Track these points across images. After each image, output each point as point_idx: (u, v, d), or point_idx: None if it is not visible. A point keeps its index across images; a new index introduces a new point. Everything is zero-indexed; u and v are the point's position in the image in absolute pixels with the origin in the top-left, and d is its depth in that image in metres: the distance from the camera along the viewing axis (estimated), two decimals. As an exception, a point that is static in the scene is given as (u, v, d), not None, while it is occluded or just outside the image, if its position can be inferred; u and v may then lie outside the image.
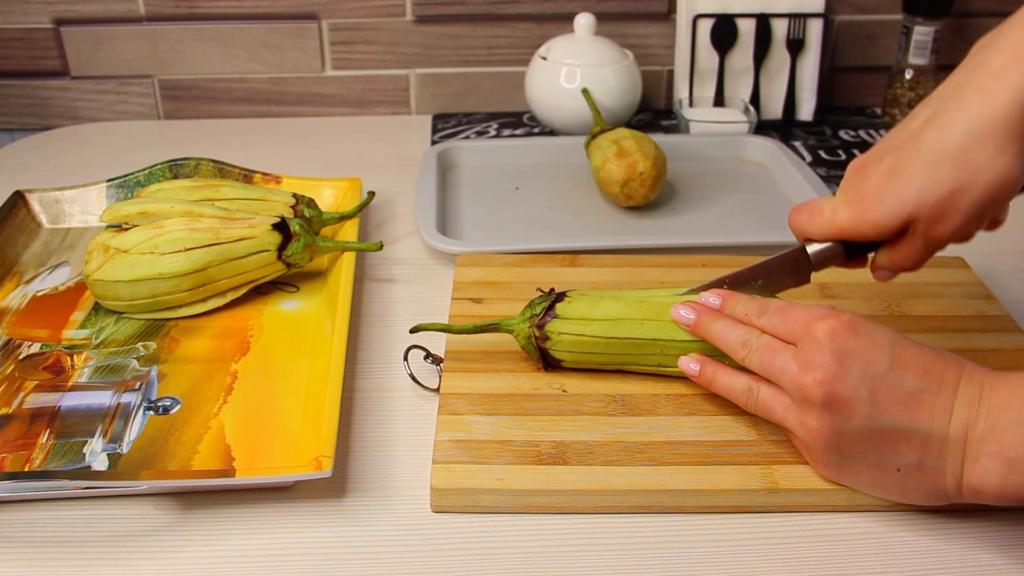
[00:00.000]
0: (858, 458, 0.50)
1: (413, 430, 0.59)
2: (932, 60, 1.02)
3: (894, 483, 0.50)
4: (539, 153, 0.96)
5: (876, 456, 0.49)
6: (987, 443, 0.47)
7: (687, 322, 0.57)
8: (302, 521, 0.52)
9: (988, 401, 0.47)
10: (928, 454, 0.48)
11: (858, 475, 0.51)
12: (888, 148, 0.54)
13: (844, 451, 0.50)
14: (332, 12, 1.06)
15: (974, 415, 0.47)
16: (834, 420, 0.49)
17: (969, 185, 0.51)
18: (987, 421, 0.47)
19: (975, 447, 0.47)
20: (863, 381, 0.48)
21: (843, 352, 0.49)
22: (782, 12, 1.04)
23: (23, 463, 0.55)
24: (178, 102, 1.10)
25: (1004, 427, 0.46)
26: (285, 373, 0.63)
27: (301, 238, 0.70)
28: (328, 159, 1.00)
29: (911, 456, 0.49)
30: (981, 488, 0.47)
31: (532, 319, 0.60)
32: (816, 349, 0.50)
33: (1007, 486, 0.46)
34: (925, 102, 0.54)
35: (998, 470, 0.46)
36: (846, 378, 0.49)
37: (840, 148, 1.02)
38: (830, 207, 0.56)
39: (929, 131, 0.52)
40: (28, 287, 0.73)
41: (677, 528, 0.52)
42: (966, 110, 0.51)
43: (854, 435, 0.49)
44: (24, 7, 1.04)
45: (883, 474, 0.50)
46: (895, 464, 0.49)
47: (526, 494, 0.52)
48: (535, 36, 1.08)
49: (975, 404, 0.47)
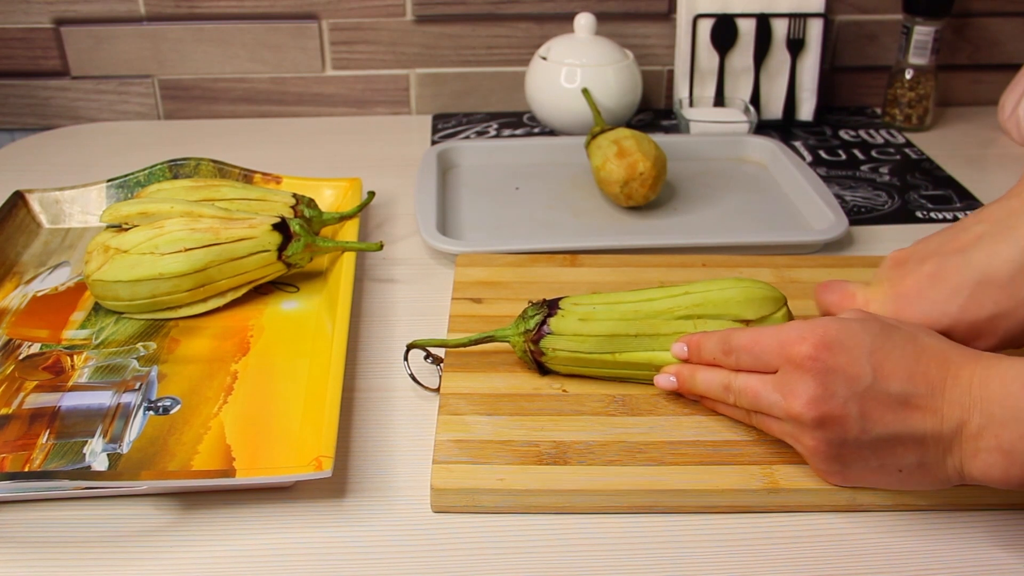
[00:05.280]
0: (860, 464, 0.50)
1: (413, 430, 0.59)
2: (932, 60, 1.02)
3: (899, 482, 0.51)
4: (539, 153, 0.96)
5: (877, 461, 0.50)
6: (984, 438, 0.47)
7: (671, 387, 0.57)
8: (302, 521, 0.52)
9: (980, 396, 0.47)
10: (927, 454, 0.49)
11: (862, 477, 0.51)
12: (933, 253, 0.55)
13: (845, 460, 0.50)
14: (332, 12, 1.06)
15: (967, 411, 0.47)
16: (829, 437, 0.50)
17: (1011, 313, 0.52)
18: (981, 417, 0.47)
19: (972, 443, 0.47)
20: (851, 399, 0.49)
21: (825, 373, 0.49)
22: (782, 12, 1.04)
23: (23, 463, 0.55)
24: (178, 102, 1.10)
25: (1000, 422, 0.46)
26: (285, 373, 0.63)
27: (301, 238, 0.70)
28: (328, 159, 1.00)
29: (911, 458, 0.49)
30: (984, 480, 0.48)
31: (527, 334, 0.60)
32: (798, 376, 0.50)
33: (1010, 477, 0.47)
34: (978, 216, 0.55)
35: (999, 463, 0.47)
36: (833, 398, 0.49)
37: (840, 148, 1.02)
38: (863, 296, 0.57)
39: (979, 251, 0.53)
40: (28, 287, 0.73)
41: (677, 528, 0.52)
42: (1018, 241, 0.52)
43: (852, 446, 0.50)
44: (24, 7, 1.04)
45: (886, 475, 0.50)
46: (896, 466, 0.50)
47: (526, 494, 0.52)
48: (535, 36, 1.08)
49: (966, 400, 0.48)
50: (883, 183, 0.94)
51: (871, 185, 0.93)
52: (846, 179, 0.95)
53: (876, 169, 0.97)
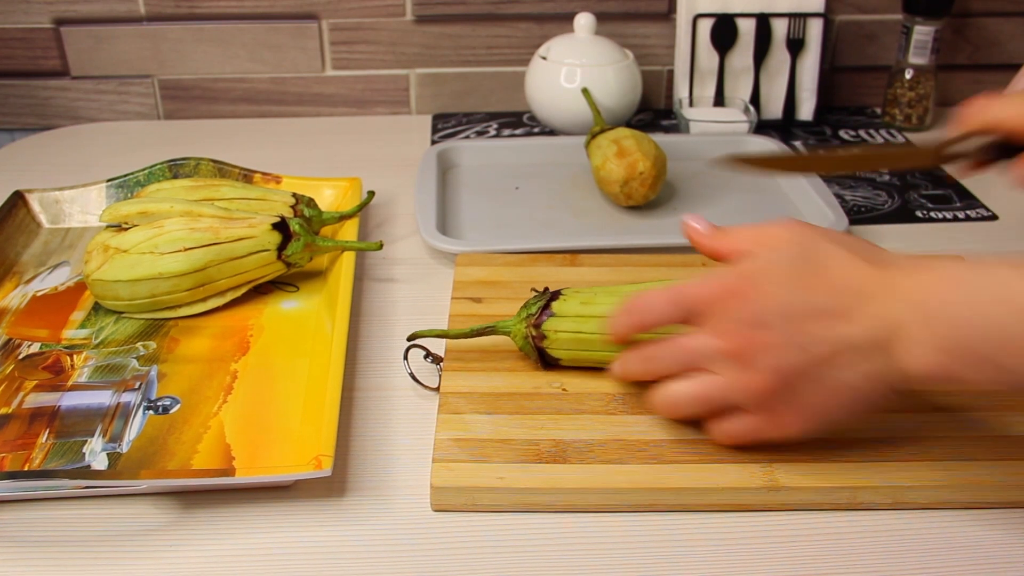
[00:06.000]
0: (810, 393, 0.49)
1: (413, 429, 0.59)
2: (932, 60, 1.02)
3: (852, 400, 0.50)
4: (539, 153, 0.96)
5: (824, 384, 0.49)
6: (921, 336, 0.46)
7: (625, 374, 0.57)
8: (302, 521, 0.52)
9: (912, 295, 0.47)
10: (868, 362, 0.48)
11: (819, 410, 0.50)
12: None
13: (794, 390, 0.49)
14: (332, 12, 1.06)
15: (901, 312, 0.47)
16: (771, 364, 0.49)
17: None
18: (915, 314, 0.47)
19: (910, 342, 0.47)
20: (783, 321, 0.48)
21: (753, 303, 0.49)
22: (782, 12, 1.04)
23: (23, 463, 0.55)
24: (178, 102, 1.10)
25: (936, 318, 0.46)
26: (285, 373, 0.63)
27: (301, 238, 0.70)
28: (328, 159, 1.00)
29: (854, 370, 0.48)
30: (927, 378, 0.47)
31: (528, 319, 0.60)
32: (727, 315, 0.50)
33: (949, 373, 0.46)
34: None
35: (937, 359, 0.46)
36: (765, 325, 0.49)
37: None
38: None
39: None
40: (28, 287, 0.73)
41: (678, 526, 0.52)
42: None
43: (796, 374, 0.49)
44: (24, 7, 1.04)
45: (838, 396, 0.49)
46: (845, 384, 0.49)
47: (526, 492, 0.52)
48: (535, 36, 1.08)
49: (898, 301, 0.47)
50: (883, 183, 0.94)
51: (871, 185, 0.93)
52: (846, 179, 0.95)
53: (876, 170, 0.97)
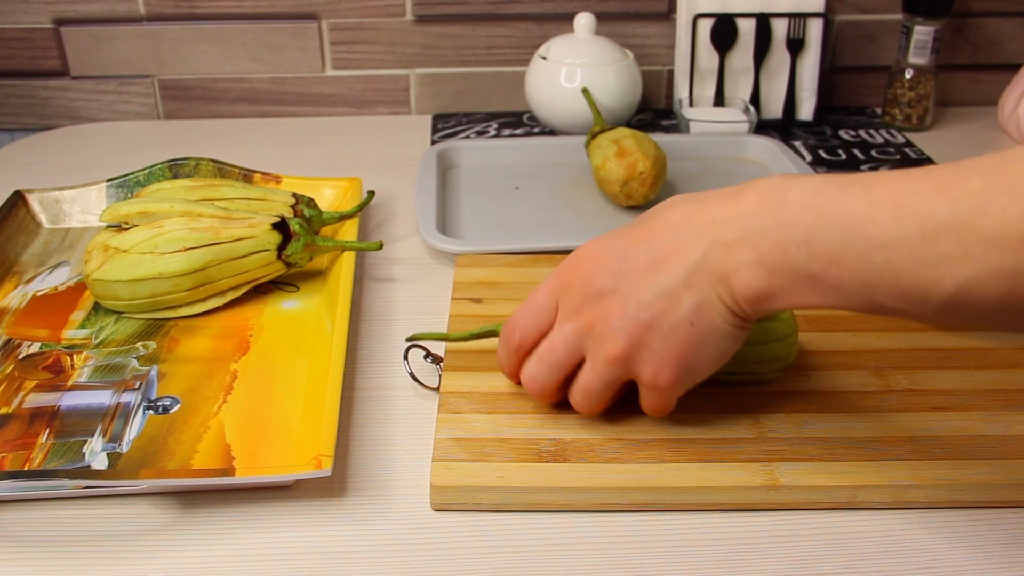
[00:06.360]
0: (664, 342, 0.49)
1: (413, 429, 0.59)
2: (932, 60, 1.02)
3: (703, 337, 0.49)
4: (539, 153, 0.96)
5: (666, 328, 0.49)
6: (742, 251, 0.46)
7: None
8: (302, 520, 0.52)
9: (728, 216, 0.47)
10: (698, 294, 0.48)
11: (679, 356, 0.50)
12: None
13: (650, 345, 0.50)
14: (332, 12, 1.06)
15: (716, 232, 0.47)
16: (617, 326, 0.50)
17: None
18: (734, 231, 0.47)
19: (731, 261, 0.47)
20: (614, 281, 0.50)
21: (584, 275, 0.51)
22: (782, 12, 1.04)
23: (23, 462, 0.55)
24: (178, 102, 1.10)
25: (757, 232, 0.46)
26: (285, 372, 0.63)
27: (301, 238, 0.70)
28: (328, 159, 1.00)
29: (686, 307, 0.48)
30: (755, 296, 0.47)
31: None
32: (568, 296, 0.52)
33: (772, 287, 0.46)
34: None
35: (760, 274, 0.46)
36: (603, 291, 0.50)
37: (840, 148, 1.02)
38: None
39: None
40: (28, 287, 0.73)
41: (677, 526, 0.52)
42: None
43: (643, 326, 0.49)
44: (24, 7, 1.04)
45: (687, 341, 0.49)
46: (685, 321, 0.49)
47: (526, 491, 0.52)
48: (535, 36, 1.08)
49: (712, 225, 0.47)
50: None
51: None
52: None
53: (876, 169, 0.97)
